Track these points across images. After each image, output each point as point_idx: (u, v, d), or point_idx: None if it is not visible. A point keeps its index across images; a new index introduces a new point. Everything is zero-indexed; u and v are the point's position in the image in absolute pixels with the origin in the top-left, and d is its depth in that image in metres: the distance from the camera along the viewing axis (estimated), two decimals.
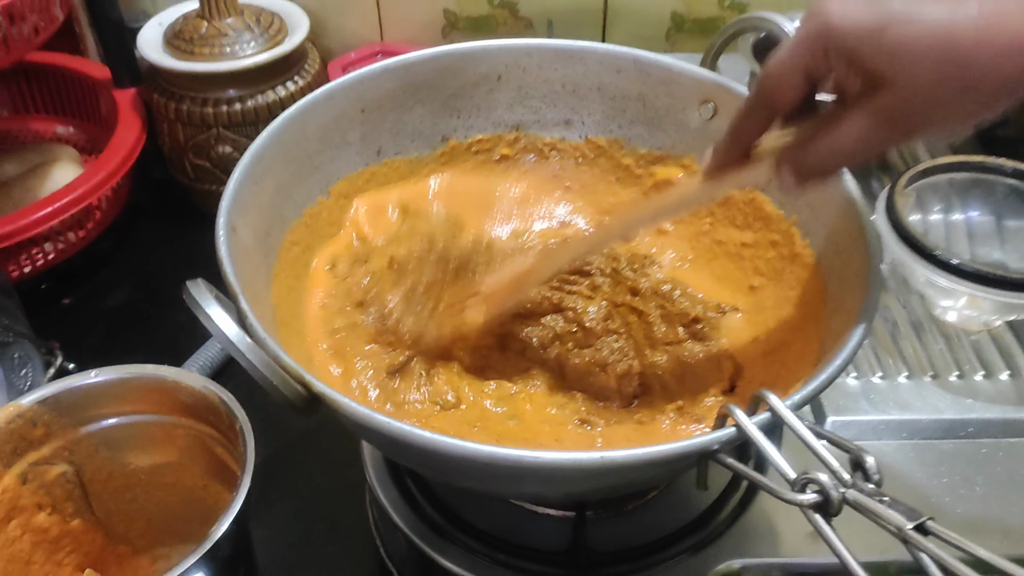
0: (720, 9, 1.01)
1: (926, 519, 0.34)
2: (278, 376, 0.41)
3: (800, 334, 0.54)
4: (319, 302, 0.60)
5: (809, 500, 0.36)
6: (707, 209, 0.65)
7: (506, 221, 0.69)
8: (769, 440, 0.39)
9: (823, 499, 0.36)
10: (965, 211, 0.70)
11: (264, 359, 0.41)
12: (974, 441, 0.60)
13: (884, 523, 0.35)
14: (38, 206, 0.80)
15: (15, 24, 0.75)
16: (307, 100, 0.60)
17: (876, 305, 0.46)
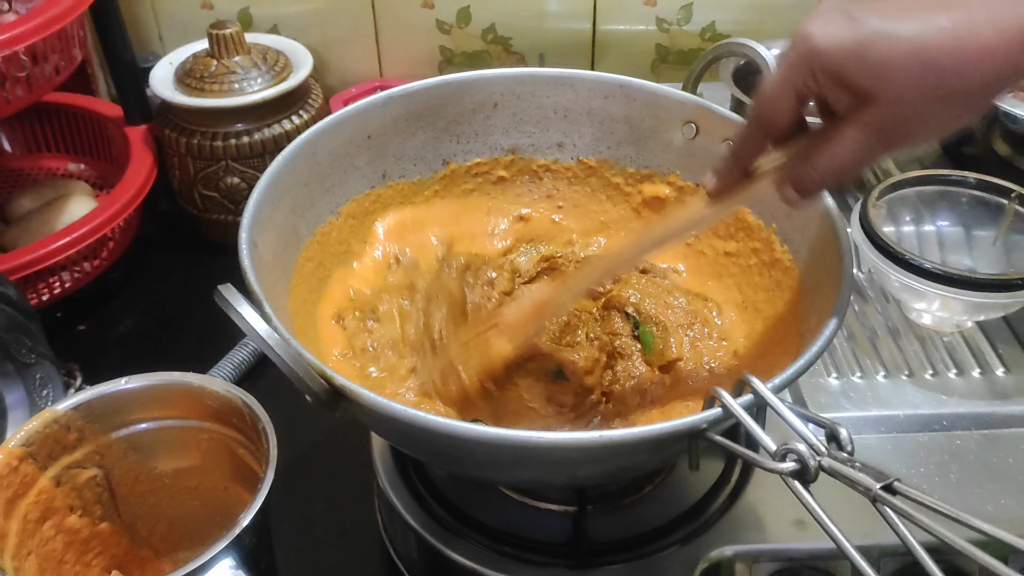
0: (702, 41, 1.07)
1: (893, 480, 0.38)
2: (304, 370, 0.44)
3: (781, 331, 0.58)
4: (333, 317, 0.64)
5: (789, 468, 0.40)
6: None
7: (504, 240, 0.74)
8: (752, 418, 0.43)
9: (801, 467, 0.40)
10: (935, 221, 0.74)
11: (291, 353, 0.44)
12: (948, 433, 0.64)
13: (856, 485, 0.38)
14: (56, 237, 0.83)
15: (38, 64, 0.79)
16: (318, 127, 0.64)
17: (848, 300, 0.50)
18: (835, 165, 0.44)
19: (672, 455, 0.49)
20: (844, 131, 0.43)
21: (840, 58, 0.41)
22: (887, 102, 0.41)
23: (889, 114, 0.41)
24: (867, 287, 0.76)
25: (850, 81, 0.41)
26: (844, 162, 0.44)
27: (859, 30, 0.40)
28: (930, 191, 0.73)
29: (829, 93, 0.42)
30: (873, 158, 0.44)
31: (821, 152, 0.44)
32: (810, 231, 0.58)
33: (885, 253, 0.67)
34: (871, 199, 0.70)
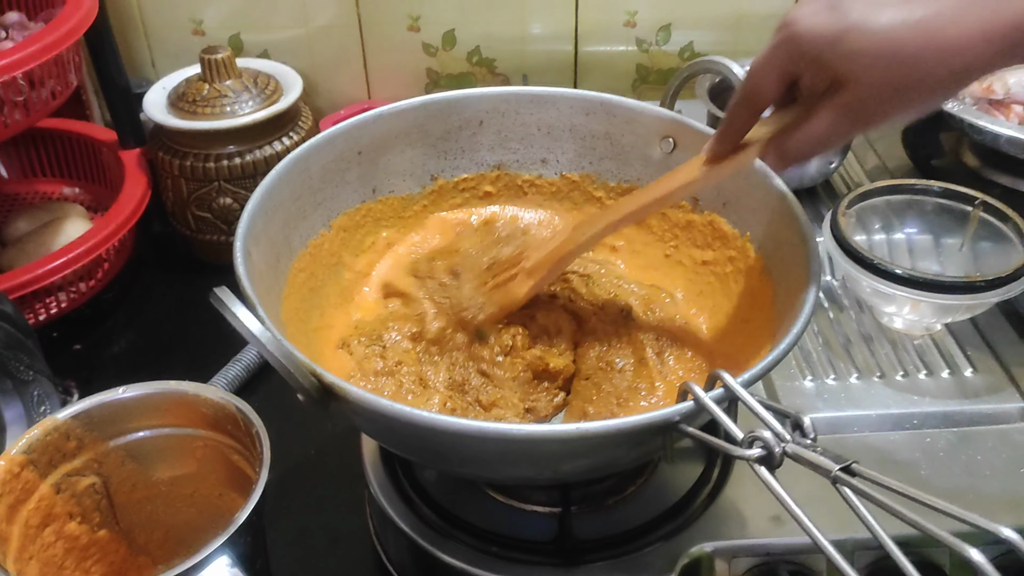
0: (680, 61, 1.10)
1: (851, 462, 0.40)
2: (296, 367, 0.47)
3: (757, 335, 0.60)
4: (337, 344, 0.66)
5: (755, 454, 0.42)
6: (671, 233, 0.72)
7: None
8: (722, 410, 0.45)
9: (767, 453, 0.42)
10: (904, 229, 0.77)
11: (284, 351, 0.47)
12: (919, 432, 0.67)
13: (817, 468, 0.40)
14: (52, 257, 0.85)
15: (35, 89, 0.81)
16: (311, 143, 0.67)
17: (814, 301, 0.52)
18: (811, 139, 0.49)
19: (649, 448, 0.51)
20: (819, 111, 0.48)
21: (819, 45, 0.45)
22: (858, 86, 0.45)
23: (859, 97, 0.46)
24: (841, 295, 0.79)
25: (826, 66, 0.46)
26: (819, 137, 0.49)
27: (838, 20, 0.44)
28: (899, 200, 0.76)
29: (808, 75, 0.48)
30: (845, 135, 0.49)
31: (800, 128, 0.49)
32: (782, 239, 0.61)
33: (855, 259, 0.69)
34: (841, 208, 0.73)
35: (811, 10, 0.46)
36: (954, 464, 0.64)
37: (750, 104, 0.51)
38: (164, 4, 1.05)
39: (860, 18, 0.44)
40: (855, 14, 0.44)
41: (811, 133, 0.48)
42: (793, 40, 0.46)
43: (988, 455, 0.64)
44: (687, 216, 0.70)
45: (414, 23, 1.06)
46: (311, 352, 0.62)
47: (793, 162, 0.51)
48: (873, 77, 0.45)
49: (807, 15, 0.46)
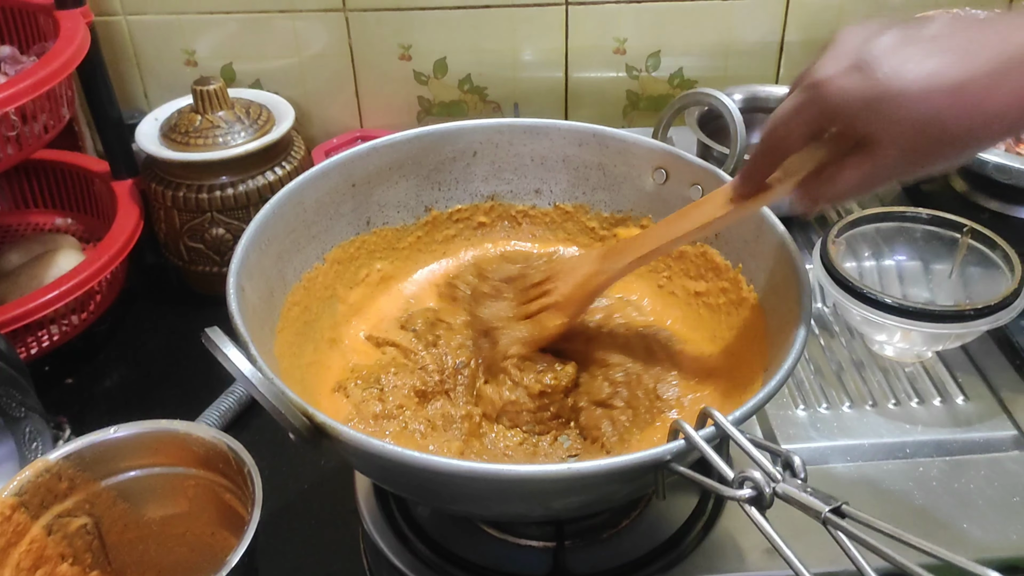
0: (671, 87, 1.11)
1: (841, 503, 0.40)
2: (286, 407, 0.47)
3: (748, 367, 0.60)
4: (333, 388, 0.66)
5: (745, 495, 0.42)
6: (664, 263, 0.72)
7: None
8: (714, 449, 0.45)
9: (757, 493, 0.42)
10: (894, 256, 0.78)
11: (274, 391, 0.47)
12: (911, 461, 0.67)
13: (807, 509, 0.41)
14: (44, 291, 0.85)
15: (27, 123, 0.81)
16: (305, 177, 0.67)
17: (805, 338, 0.53)
18: (843, 189, 0.49)
19: (641, 485, 0.51)
20: (851, 161, 0.48)
21: (852, 108, 0.45)
22: (893, 148, 0.46)
23: (893, 157, 0.46)
24: (832, 321, 0.79)
25: (859, 128, 0.46)
26: (851, 188, 0.49)
27: (870, 84, 0.44)
28: (888, 227, 0.77)
29: (839, 131, 0.49)
30: (877, 187, 0.49)
31: (831, 176, 0.49)
32: (773, 271, 0.61)
33: (845, 288, 0.70)
34: (831, 236, 0.73)
35: (838, 70, 0.45)
36: (947, 493, 0.64)
37: (774, 153, 0.52)
38: (157, 35, 1.05)
39: (891, 82, 0.44)
40: (885, 77, 0.44)
41: (843, 183, 0.49)
42: (823, 100, 0.46)
43: (981, 484, 0.65)
44: (681, 248, 0.71)
45: (405, 52, 1.06)
46: (305, 387, 0.62)
47: (822, 206, 0.52)
48: (907, 141, 0.45)
49: (835, 75, 0.45)
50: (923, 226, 0.76)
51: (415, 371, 0.65)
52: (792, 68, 1.10)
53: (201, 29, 1.05)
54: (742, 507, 0.42)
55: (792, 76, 1.10)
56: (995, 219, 0.88)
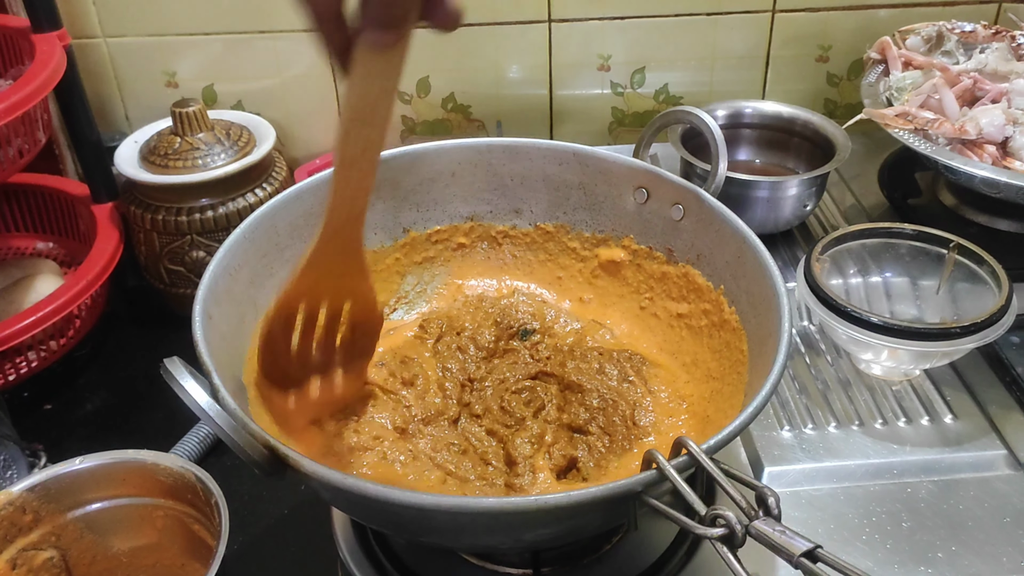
0: (656, 103, 1.10)
1: (815, 547, 0.39)
2: (246, 440, 0.45)
3: (730, 391, 0.59)
4: None
5: (717, 533, 0.41)
6: (646, 284, 0.71)
7: None
8: (690, 479, 0.44)
9: (729, 532, 0.40)
10: (881, 273, 0.76)
11: (233, 424, 0.45)
12: (899, 482, 0.65)
13: (780, 551, 0.39)
14: (21, 317, 0.84)
15: (1, 148, 0.81)
16: (277, 200, 0.66)
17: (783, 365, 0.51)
18: None
19: (613, 516, 0.49)
20: None
21: None
22: None
23: None
24: (818, 340, 0.78)
25: None
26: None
27: None
28: (874, 243, 0.75)
29: None
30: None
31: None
32: (753, 292, 0.60)
33: (830, 307, 0.68)
34: (814, 254, 0.72)
35: None
36: (936, 515, 0.63)
37: None
38: (137, 57, 1.04)
39: None
40: None
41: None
42: None
43: (970, 504, 0.63)
44: (662, 268, 0.69)
45: None
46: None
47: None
48: None
49: None
50: (909, 242, 0.74)
51: (397, 408, 0.64)
52: (779, 82, 1.09)
53: (182, 51, 1.04)
54: (713, 545, 0.40)
55: (781, 90, 1.10)
56: (983, 233, 0.87)
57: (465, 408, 0.64)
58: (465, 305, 0.74)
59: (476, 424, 0.63)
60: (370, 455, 0.58)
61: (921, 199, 0.93)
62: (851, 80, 1.09)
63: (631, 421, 0.61)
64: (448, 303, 0.76)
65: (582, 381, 0.64)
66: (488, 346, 0.69)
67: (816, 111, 0.96)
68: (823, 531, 0.62)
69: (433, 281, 0.76)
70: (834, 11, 1.04)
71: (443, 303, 0.76)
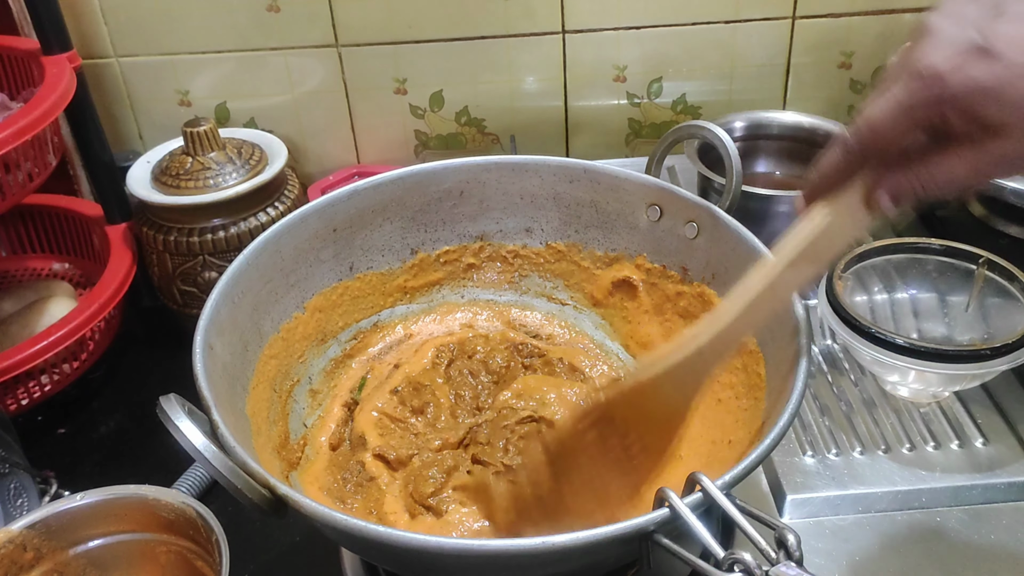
0: (674, 113, 1.08)
1: None
2: (243, 481, 0.44)
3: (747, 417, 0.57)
4: None
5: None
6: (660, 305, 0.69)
7: None
8: (703, 517, 0.42)
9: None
10: (907, 289, 0.73)
11: (229, 465, 0.44)
12: (928, 511, 0.63)
13: None
14: (33, 341, 0.83)
15: (10, 172, 0.80)
16: (281, 224, 0.64)
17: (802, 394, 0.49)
18: (944, 180, 0.43)
19: (623, 557, 0.47)
20: (962, 152, 0.42)
21: (975, 96, 0.40)
22: (1019, 136, 0.40)
23: (1017, 146, 0.41)
24: (842, 358, 0.75)
25: (984, 117, 0.40)
26: (955, 179, 0.43)
27: (998, 68, 0.39)
28: (900, 259, 0.73)
29: (954, 122, 0.41)
30: (985, 181, 0.44)
31: (930, 167, 0.43)
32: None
33: (853, 327, 0.66)
34: (836, 271, 0.70)
35: (954, 54, 0.40)
36: (967, 547, 0.60)
37: (867, 154, 0.44)
38: (149, 76, 1.04)
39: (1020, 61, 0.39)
40: (1014, 54, 0.39)
41: (945, 173, 0.43)
42: (942, 91, 0.40)
43: (1003, 535, 0.60)
44: (676, 287, 0.67)
45: (401, 85, 1.04)
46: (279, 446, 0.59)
47: (907, 202, 0.45)
48: None
49: (953, 60, 0.40)
50: (937, 257, 0.72)
51: (406, 436, 0.62)
52: (800, 90, 1.07)
53: (194, 69, 1.04)
54: None
55: (802, 98, 1.07)
56: (1014, 245, 0.84)
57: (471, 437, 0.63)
58: (475, 327, 0.73)
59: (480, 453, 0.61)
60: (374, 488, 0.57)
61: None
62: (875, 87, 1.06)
63: None
64: (458, 325, 0.74)
65: None
66: (499, 370, 0.68)
67: (839, 119, 0.93)
68: (847, 564, 0.59)
69: (443, 302, 0.75)
70: (857, 16, 1.01)
71: (453, 325, 0.74)
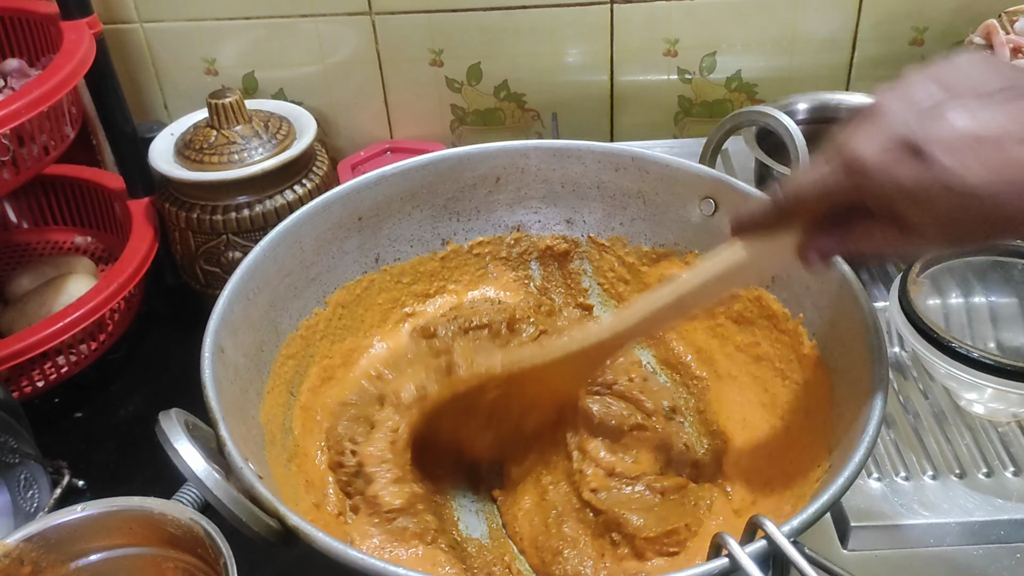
0: (728, 91, 1.01)
1: None
2: (248, 512, 0.40)
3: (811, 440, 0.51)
4: None
5: None
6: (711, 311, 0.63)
7: None
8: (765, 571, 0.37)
9: None
10: (987, 295, 0.67)
11: (232, 496, 0.40)
12: (1008, 546, 0.57)
13: None
14: (50, 321, 0.80)
15: (24, 145, 0.76)
16: (302, 212, 0.60)
17: (880, 416, 0.44)
18: (869, 250, 0.44)
19: None
20: (884, 229, 0.42)
21: (896, 197, 0.39)
22: (935, 232, 0.40)
23: (930, 239, 0.41)
24: (910, 366, 0.69)
25: (901, 215, 0.40)
26: (878, 250, 0.44)
27: (925, 175, 0.38)
28: (980, 261, 0.66)
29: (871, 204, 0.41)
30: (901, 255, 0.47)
31: (854, 235, 0.44)
32: (840, 325, 0.52)
33: (928, 338, 0.60)
34: (911, 275, 0.63)
35: (885, 150, 0.39)
36: None
37: (785, 217, 0.46)
38: (175, 43, 0.99)
39: (949, 176, 0.37)
40: (948, 172, 0.37)
41: (867, 243, 0.43)
42: (865, 182, 0.40)
43: None
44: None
45: (437, 57, 0.99)
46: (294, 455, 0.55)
47: (827, 262, 0.47)
48: (947, 224, 0.39)
49: (884, 159, 0.39)
50: (1022, 261, 0.65)
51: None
52: (865, 68, 0.99)
53: (221, 36, 0.99)
54: None
55: (866, 77, 1.00)
56: None
57: None
58: None
59: None
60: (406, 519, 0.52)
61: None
62: None
63: None
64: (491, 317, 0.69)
65: None
66: None
67: None
68: None
69: (477, 294, 0.70)
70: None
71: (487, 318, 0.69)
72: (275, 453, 0.52)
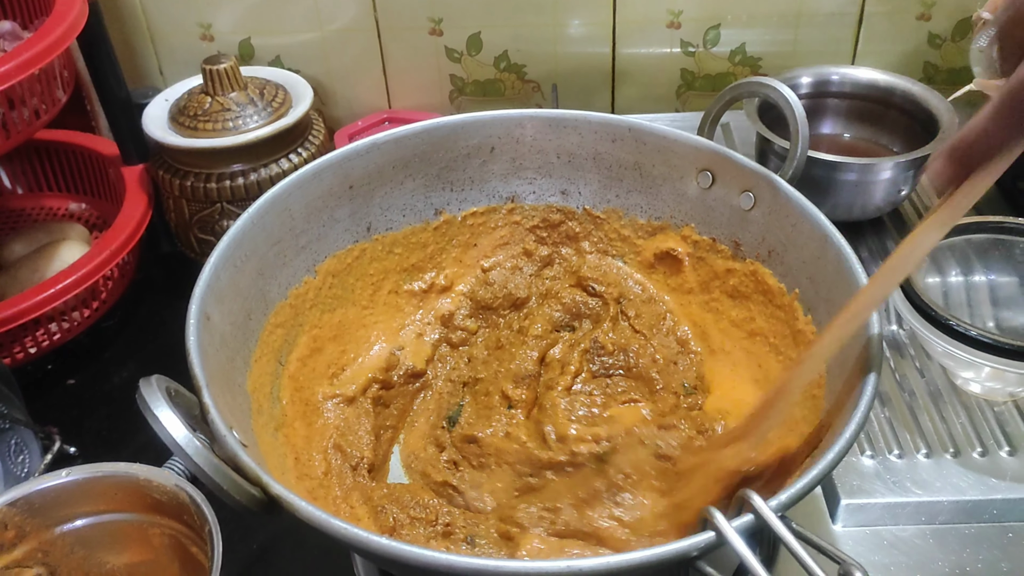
0: (731, 65, 1.00)
1: None
2: (229, 481, 0.39)
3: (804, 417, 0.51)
4: None
5: None
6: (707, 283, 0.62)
7: None
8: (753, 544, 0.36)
9: None
10: (987, 273, 0.66)
11: (213, 463, 0.39)
12: (999, 525, 0.56)
13: None
14: (42, 287, 0.79)
15: (15, 109, 0.75)
16: (291, 179, 0.59)
17: (873, 392, 0.43)
18: None
19: None
20: None
21: None
22: None
23: None
24: (907, 344, 0.68)
25: None
26: None
27: None
28: (981, 239, 0.65)
29: None
30: None
31: None
32: (835, 301, 0.51)
33: (926, 316, 0.59)
34: None
35: None
36: None
37: None
38: (171, 8, 0.98)
39: None
40: None
41: None
42: None
43: None
44: (727, 263, 0.61)
45: (436, 26, 0.97)
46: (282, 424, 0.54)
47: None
48: None
49: None
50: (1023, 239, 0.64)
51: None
52: (872, 43, 0.97)
53: (217, 1, 0.97)
54: None
55: (874, 51, 0.98)
56: None
57: None
58: None
59: None
60: None
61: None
62: (955, 42, 0.97)
63: None
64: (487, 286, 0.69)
65: None
66: None
67: (914, 76, 0.85)
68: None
69: (469, 263, 0.69)
70: None
71: (481, 286, 0.69)
72: (262, 422, 0.52)
